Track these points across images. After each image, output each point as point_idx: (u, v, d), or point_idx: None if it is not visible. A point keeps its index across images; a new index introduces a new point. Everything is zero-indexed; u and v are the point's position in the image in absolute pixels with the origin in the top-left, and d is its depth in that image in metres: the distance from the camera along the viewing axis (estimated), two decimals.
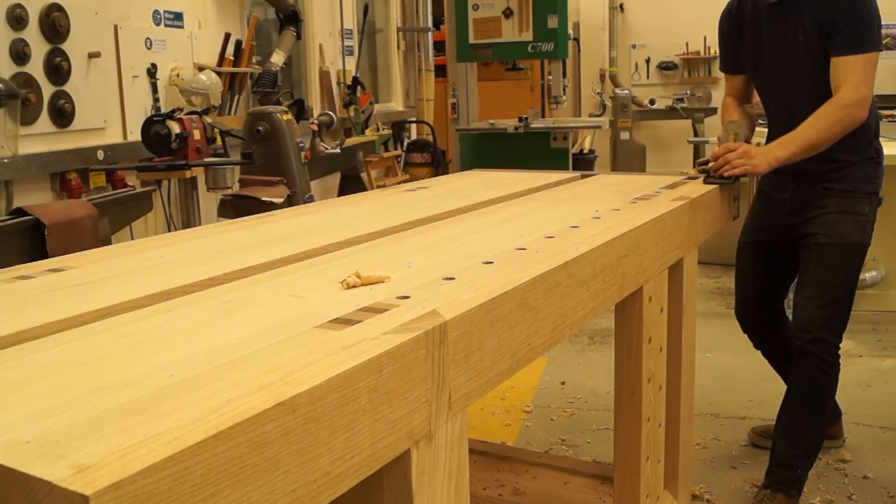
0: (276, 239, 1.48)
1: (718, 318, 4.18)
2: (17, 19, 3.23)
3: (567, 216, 1.66)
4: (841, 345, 2.36)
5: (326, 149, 4.59)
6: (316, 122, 4.67)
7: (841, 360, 2.36)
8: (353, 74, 6.11)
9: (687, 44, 8.05)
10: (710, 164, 2.27)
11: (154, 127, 3.49)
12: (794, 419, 2.38)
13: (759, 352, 2.74)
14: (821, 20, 2.26)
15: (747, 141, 2.44)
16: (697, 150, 6.95)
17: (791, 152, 2.23)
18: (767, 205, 2.59)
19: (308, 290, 1.09)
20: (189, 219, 3.91)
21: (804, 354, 2.32)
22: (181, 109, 3.69)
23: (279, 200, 3.20)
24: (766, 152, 2.25)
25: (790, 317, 2.50)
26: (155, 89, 4.04)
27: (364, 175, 5.84)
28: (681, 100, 7.71)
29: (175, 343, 0.88)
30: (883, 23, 2.30)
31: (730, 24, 2.55)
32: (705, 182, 2.18)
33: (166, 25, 4.20)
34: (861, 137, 2.34)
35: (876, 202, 2.40)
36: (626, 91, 7.27)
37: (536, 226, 1.44)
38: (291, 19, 4.97)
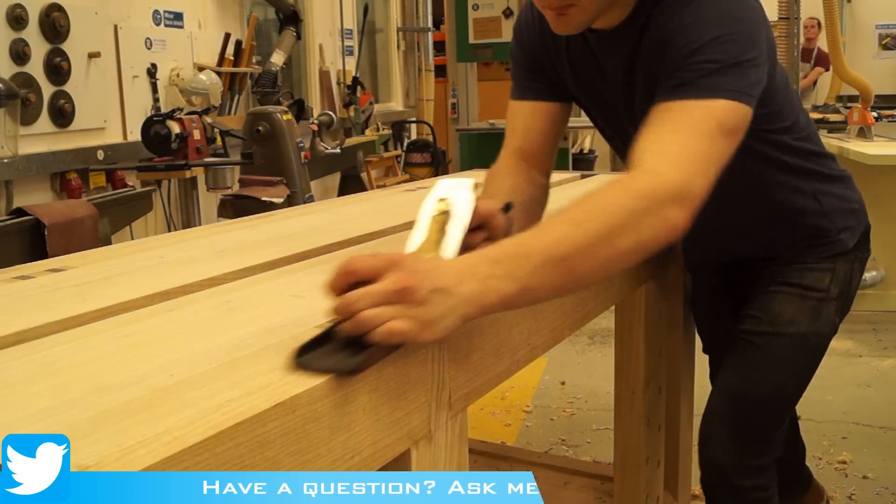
0: (276, 239, 1.48)
1: None
2: (17, 19, 3.23)
3: None
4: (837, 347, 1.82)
5: (326, 149, 4.59)
6: (316, 122, 4.67)
7: (841, 361, 2.26)
8: (353, 74, 6.11)
9: None
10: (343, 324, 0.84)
11: (154, 127, 3.49)
12: None
13: None
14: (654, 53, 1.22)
15: (489, 233, 1.09)
16: None
17: (522, 285, 0.88)
18: (699, 277, 1.76)
19: (308, 290, 1.08)
20: (189, 219, 3.91)
21: (706, 492, 1.56)
22: (181, 109, 3.69)
23: (279, 200, 3.20)
24: (456, 287, 0.84)
25: None
26: (155, 89, 4.04)
27: (364, 175, 5.84)
28: None
29: (175, 343, 0.88)
30: (883, 23, 1.94)
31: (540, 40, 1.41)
32: (297, 362, 0.78)
33: (166, 25, 4.20)
34: (798, 169, 1.45)
35: (855, 264, 1.51)
36: None
37: None
38: (291, 19, 4.97)
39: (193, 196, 3.93)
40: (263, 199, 3.19)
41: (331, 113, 5.03)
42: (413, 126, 7.44)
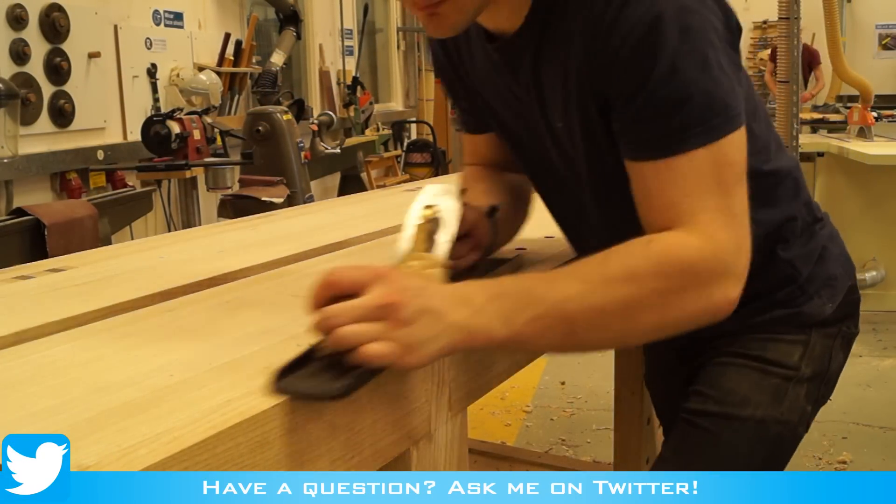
0: (276, 239, 1.48)
1: None
2: (17, 19, 3.23)
3: None
4: None
5: (326, 149, 4.59)
6: (316, 122, 4.67)
7: None
8: (353, 74, 6.11)
9: None
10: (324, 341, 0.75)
11: (154, 127, 3.50)
12: None
13: None
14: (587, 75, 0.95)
15: (474, 243, 1.04)
16: None
17: (513, 330, 0.81)
18: (649, 363, 1.45)
19: (308, 290, 1.08)
20: (189, 219, 3.91)
21: None
22: (181, 109, 3.69)
23: (279, 200, 3.20)
24: (447, 311, 0.77)
25: None
26: (155, 89, 4.04)
27: (364, 175, 5.84)
28: None
29: (175, 343, 0.88)
30: (883, 23, 1.75)
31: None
32: (277, 387, 0.70)
33: (166, 25, 4.20)
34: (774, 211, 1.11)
35: (836, 341, 1.17)
36: None
37: (535, 226, 1.44)
38: (291, 19, 4.97)
39: (193, 196, 3.93)
40: (263, 199, 3.19)
41: (331, 113, 5.03)
42: (413, 126, 7.44)
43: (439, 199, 0.98)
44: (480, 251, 1.06)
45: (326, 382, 0.71)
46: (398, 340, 0.72)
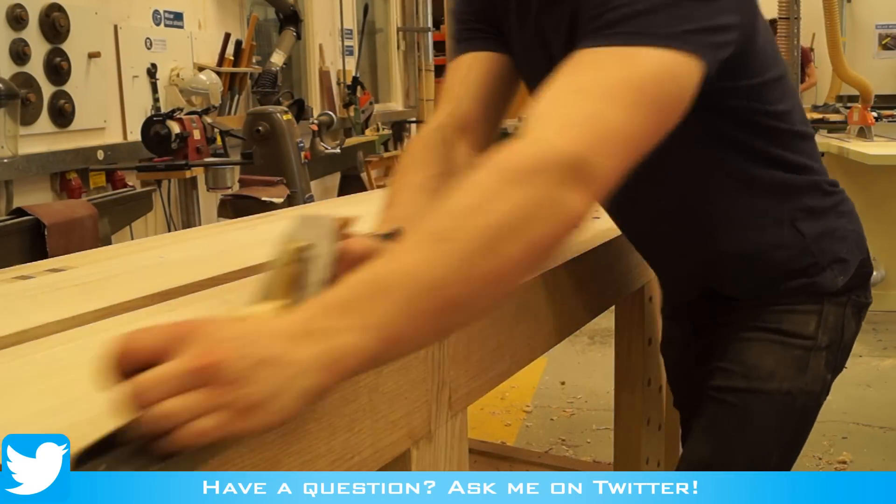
0: (276, 239, 1.48)
1: None
2: (17, 19, 3.22)
3: None
4: None
5: (326, 149, 4.59)
6: (316, 122, 4.67)
7: None
8: (353, 74, 6.11)
9: None
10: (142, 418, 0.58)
11: (154, 127, 3.49)
12: None
13: None
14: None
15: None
16: None
17: (385, 336, 0.65)
18: (665, 314, 1.45)
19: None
20: (189, 219, 3.91)
21: None
22: (181, 109, 3.69)
23: (279, 200, 3.20)
24: (291, 352, 0.61)
25: None
26: (155, 89, 4.04)
27: (364, 175, 5.84)
28: None
29: None
30: (883, 23, 1.79)
31: None
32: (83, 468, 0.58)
33: (166, 25, 4.20)
34: (788, 184, 1.12)
35: (847, 309, 1.18)
36: None
37: None
38: (291, 19, 4.97)
39: (193, 196, 3.93)
40: (263, 199, 3.19)
41: (331, 113, 5.03)
42: (413, 126, 7.44)
43: (311, 232, 0.80)
44: None
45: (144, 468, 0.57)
46: (231, 407, 0.57)
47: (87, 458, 0.57)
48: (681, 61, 0.82)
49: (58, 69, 3.42)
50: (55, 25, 3.39)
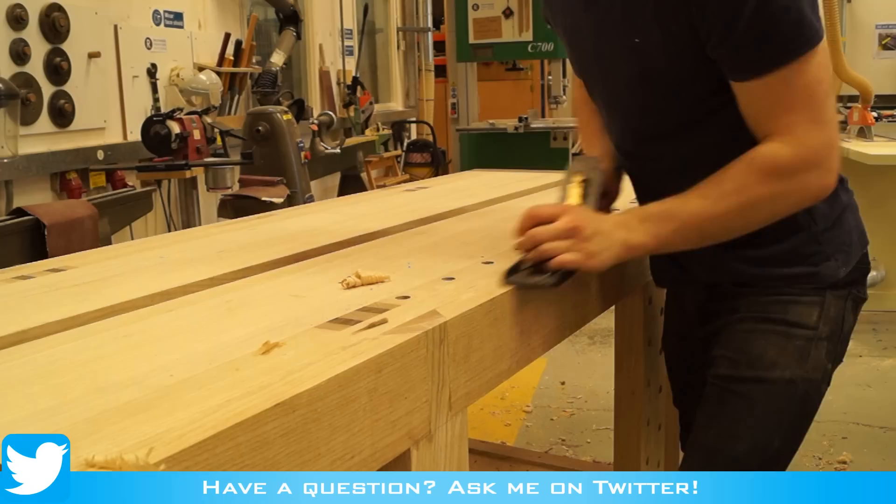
0: (276, 239, 1.48)
1: None
2: (17, 19, 3.22)
3: None
4: None
5: (326, 149, 4.59)
6: (316, 122, 4.66)
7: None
8: (353, 74, 6.11)
9: None
10: (527, 255, 1.12)
11: (154, 127, 3.49)
12: None
13: None
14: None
15: (609, 197, 1.40)
16: None
17: (661, 240, 1.15)
18: (670, 304, 1.55)
19: (308, 290, 1.09)
20: (189, 219, 3.91)
21: None
22: (181, 109, 3.69)
23: (279, 200, 3.20)
24: (612, 232, 1.13)
25: None
26: (155, 89, 4.04)
27: (364, 175, 5.84)
28: None
29: (175, 343, 0.88)
30: (883, 23, 1.88)
31: None
32: (508, 281, 1.09)
33: (166, 25, 4.19)
34: None
35: (847, 302, 1.27)
36: None
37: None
38: (291, 19, 4.97)
39: (193, 196, 3.93)
40: (263, 199, 3.19)
41: (331, 113, 5.03)
42: (413, 126, 7.44)
43: (588, 168, 1.33)
44: (613, 201, 1.43)
45: (541, 279, 1.09)
46: (582, 251, 1.09)
47: (509, 275, 1.08)
48: (822, 47, 1.10)
49: (58, 69, 3.42)
50: (55, 25, 3.39)
